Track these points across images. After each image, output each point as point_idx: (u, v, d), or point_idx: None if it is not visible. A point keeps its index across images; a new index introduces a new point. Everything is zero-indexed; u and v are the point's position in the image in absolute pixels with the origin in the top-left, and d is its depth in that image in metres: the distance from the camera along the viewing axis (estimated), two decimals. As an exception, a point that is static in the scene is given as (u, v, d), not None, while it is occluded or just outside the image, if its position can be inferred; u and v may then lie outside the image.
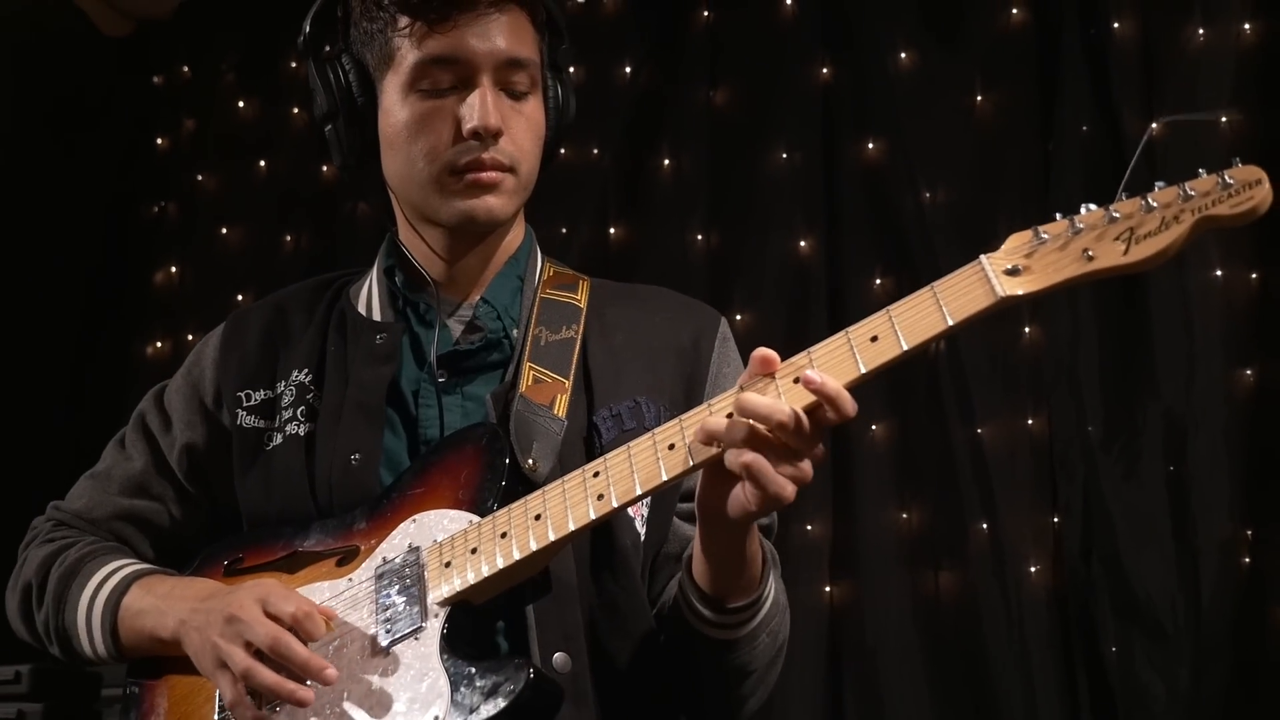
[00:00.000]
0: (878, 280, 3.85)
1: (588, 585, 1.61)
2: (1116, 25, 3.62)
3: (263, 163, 4.73)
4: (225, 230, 4.71)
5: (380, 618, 1.53)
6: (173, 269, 4.78)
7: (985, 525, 3.59)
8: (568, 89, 1.79)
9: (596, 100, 4.15)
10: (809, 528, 3.72)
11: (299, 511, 1.68)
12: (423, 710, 1.45)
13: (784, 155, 4.02)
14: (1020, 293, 1.29)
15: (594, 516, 1.45)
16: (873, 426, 3.76)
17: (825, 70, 4.04)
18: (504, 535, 1.49)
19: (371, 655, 1.51)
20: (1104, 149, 3.58)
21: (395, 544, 1.58)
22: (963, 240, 3.67)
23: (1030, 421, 3.62)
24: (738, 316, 3.92)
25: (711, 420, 1.39)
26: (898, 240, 3.84)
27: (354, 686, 1.50)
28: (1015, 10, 3.83)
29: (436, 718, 1.43)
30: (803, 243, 3.95)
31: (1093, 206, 1.27)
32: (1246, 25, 3.51)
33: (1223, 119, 3.35)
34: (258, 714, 1.51)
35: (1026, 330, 3.67)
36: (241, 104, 4.81)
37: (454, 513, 1.56)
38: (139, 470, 1.83)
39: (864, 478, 3.74)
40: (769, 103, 4.07)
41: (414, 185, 1.71)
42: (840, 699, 3.65)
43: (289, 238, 4.64)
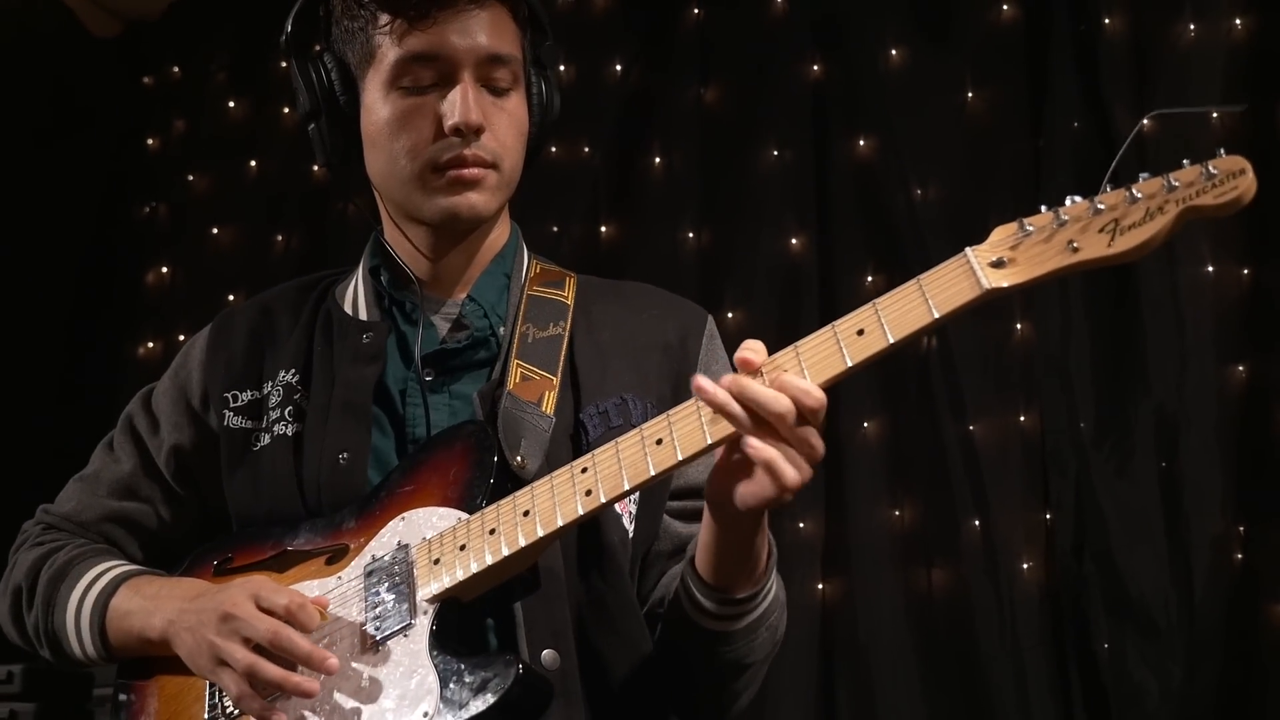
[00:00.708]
0: (869, 277, 3.85)
1: (575, 582, 1.60)
2: (1107, 21, 3.62)
3: (253, 163, 4.73)
4: (216, 230, 4.71)
5: (370, 615, 1.53)
6: (164, 269, 4.78)
7: (977, 522, 3.59)
8: (551, 86, 1.78)
9: (587, 98, 4.15)
10: (801, 525, 3.72)
11: (288, 511, 1.68)
12: (412, 706, 1.45)
13: (775, 153, 4.02)
14: (1005, 285, 1.29)
15: (582, 512, 1.45)
16: (865, 424, 3.76)
17: (816, 68, 4.04)
18: (492, 532, 1.49)
19: (361, 652, 1.51)
20: (1095, 145, 3.58)
21: (384, 542, 1.58)
22: (954, 237, 3.61)
23: (1022, 418, 3.62)
24: (729, 314, 3.92)
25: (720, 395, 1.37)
26: (889, 237, 3.84)
27: (344, 684, 1.50)
28: (1005, 6, 3.83)
29: (426, 714, 1.43)
30: (794, 240, 3.95)
31: (1078, 198, 1.27)
32: (1237, 20, 3.52)
33: (1214, 114, 3.35)
34: (266, 705, 1.50)
35: (1018, 327, 3.67)
36: (232, 104, 4.81)
37: (443, 510, 1.56)
38: (127, 472, 1.83)
39: (856, 475, 3.74)
40: (760, 100, 4.07)
41: (397, 183, 1.70)
42: (833, 696, 3.65)
43: (280, 238, 4.64)
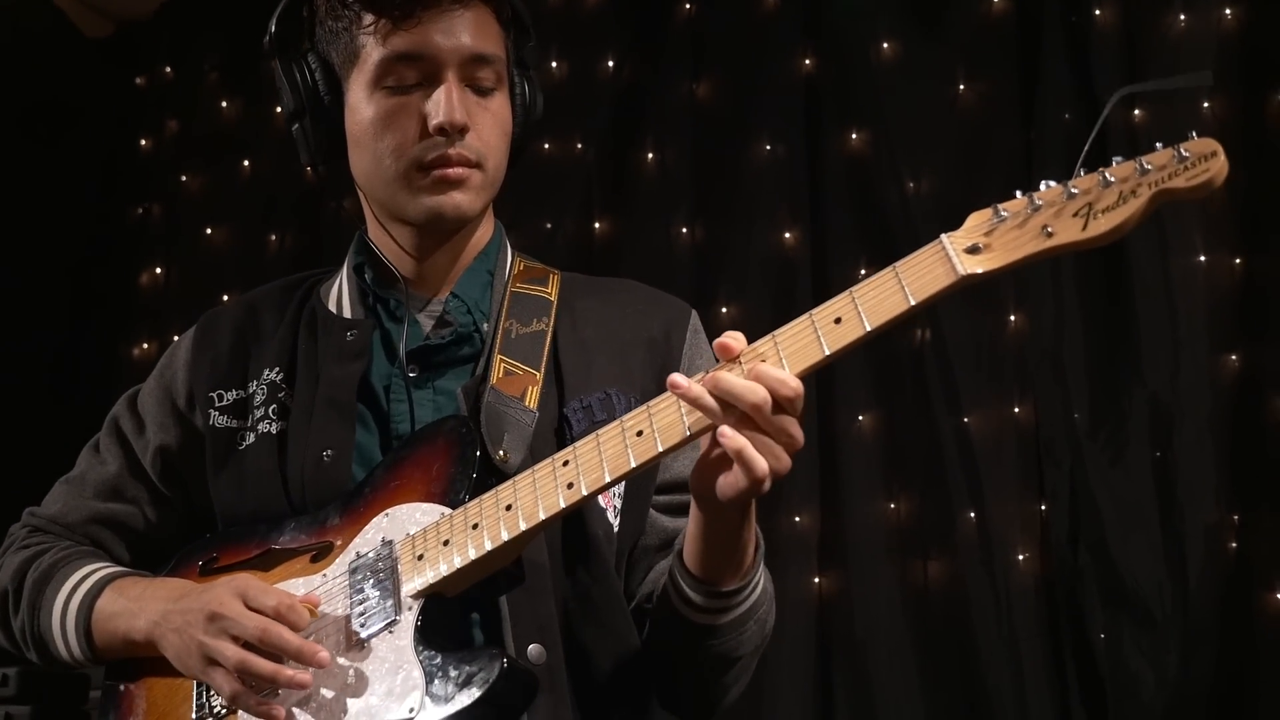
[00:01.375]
0: (863, 270, 3.84)
1: (561, 577, 1.60)
2: (1098, 13, 3.62)
3: (246, 163, 4.73)
4: (210, 230, 4.72)
5: (355, 612, 1.53)
6: (158, 270, 4.78)
7: (973, 514, 3.59)
8: (535, 86, 1.79)
9: (580, 94, 4.15)
10: (797, 519, 3.72)
11: (273, 510, 1.68)
12: (398, 702, 1.45)
13: (768, 147, 4.01)
14: (980, 270, 1.29)
15: (564, 505, 1.45)
16: (859, 417, 3.76)
17: (808, 61, 4.04)
18: (475, 526, 1.49)
19: (347, 649, 1.51)
20: (1086, 137, 3.55)
21: (368, 538, 1.58)
22: (947, 229, 3.64)
23: (1016, 410, 3.62)
24: (723, 309, 3.92)
25: (696, 389, 1.38)
26: (882, 230, 3.84)
27: (330, 680, 1.50)
28: (996, -1, 3.83)
29: (412, 709, 1.43)
30: (787, 234, 3.95)
31: (1052, 183, 1.27)
32: (1227, 11, 3.51)
33: (1191, 92, 3.35)
34: (261, 700, 1.50)
35: (1012, 319, 3.67)
36: (225, 104, 4.81)
37: (426, 506, 1.56)
38: (113, 474, 1.83)
39: (851, 468, 3.74)
40: (752, 95, 4.06)
41: (381, 182, 1.71)
42: (830, 689, 3.65)
43: (273, 237, 4.64)
